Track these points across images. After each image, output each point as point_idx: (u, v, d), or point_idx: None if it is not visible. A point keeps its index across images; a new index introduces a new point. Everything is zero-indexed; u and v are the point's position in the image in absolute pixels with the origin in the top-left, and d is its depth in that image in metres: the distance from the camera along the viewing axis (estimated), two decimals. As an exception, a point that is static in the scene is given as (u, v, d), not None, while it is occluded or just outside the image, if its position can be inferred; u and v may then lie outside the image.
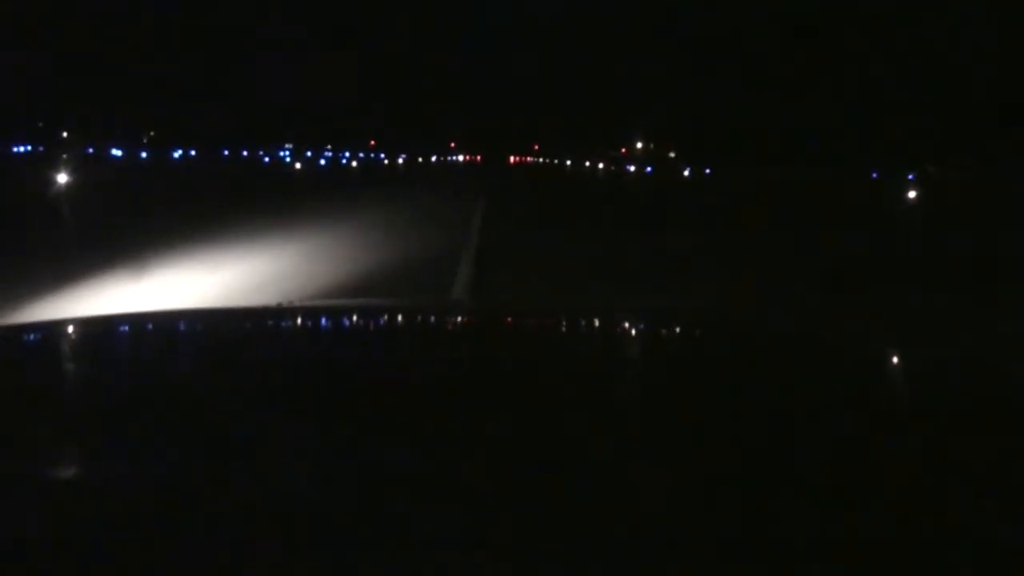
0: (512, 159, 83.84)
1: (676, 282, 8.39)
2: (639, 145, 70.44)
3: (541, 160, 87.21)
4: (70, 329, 1.66)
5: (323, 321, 1.90)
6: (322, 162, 51.12)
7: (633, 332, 1.87)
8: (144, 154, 41.96)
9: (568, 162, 73.60)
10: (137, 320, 1.84)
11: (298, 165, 42.10)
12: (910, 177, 31.99)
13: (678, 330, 1.90)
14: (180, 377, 1.29)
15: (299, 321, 1.87)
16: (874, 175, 37.07)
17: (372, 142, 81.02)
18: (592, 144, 79.88)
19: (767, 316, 6.02)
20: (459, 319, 1.98)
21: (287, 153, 56.42)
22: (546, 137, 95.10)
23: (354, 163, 53.49)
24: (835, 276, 9.07)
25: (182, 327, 1.79)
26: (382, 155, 71.39)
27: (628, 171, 55.93)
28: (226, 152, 49.88)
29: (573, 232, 12.87)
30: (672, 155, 61.08)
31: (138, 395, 1.16)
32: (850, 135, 44.03)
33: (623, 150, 73.93)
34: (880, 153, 39.52)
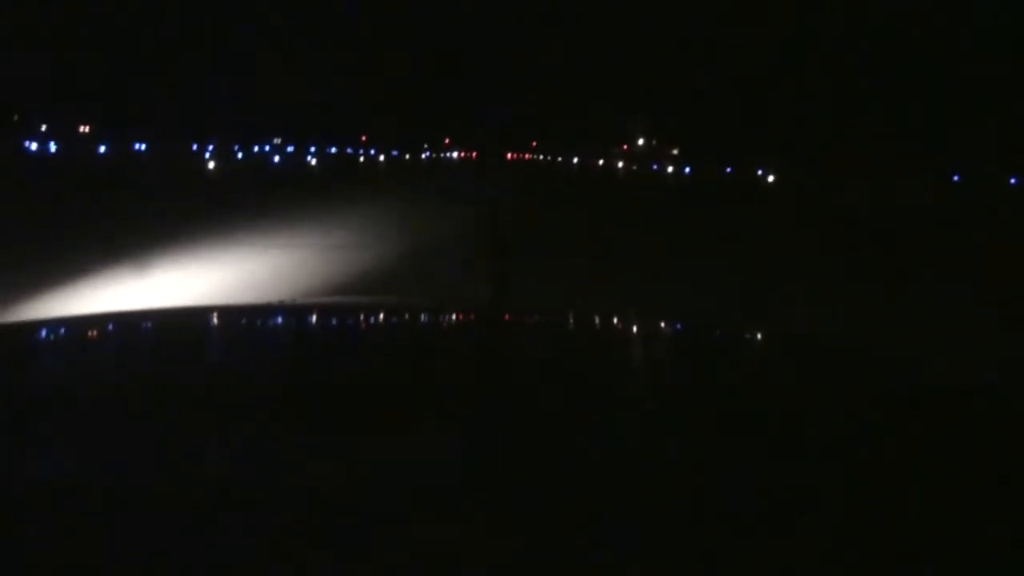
0: (509, 156, 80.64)
1: None
2: (640, 141, 66.96)
3: (541, 157, 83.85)
4: (64, 328, 1.63)
5: (324, 319, 1.83)
6: (276, 159, 45.94)
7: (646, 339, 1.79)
8: (53, 148, 37.27)
9: (575, 160, 69.29)
10: (136, 319, 1.78)
11: (212, 164, 34.79)
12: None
13: (703, 342, 1.81)
14: (180, 375, 1.26)
15: (300, 319, 1.81)
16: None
17: (363, 137, 77.86)
18: (593, 139, 76.32)
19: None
20: (462, 319, 1.88)
21: (266, 148, 52.89)
22: (544, 133, 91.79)
23: (315, 161, 48.33)
24: None
25: (181, 325, 1.73)
26: (372, 151, 68.18)
27: (656, 172, 49.78)
28: (195, 147, 46.40)
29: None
30: (675, 152, 57.52)
31: (136, 394, 1.15)
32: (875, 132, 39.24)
33: (624, 146, 70.44)
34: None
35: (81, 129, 42.36)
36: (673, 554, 0.75)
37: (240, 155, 43.42)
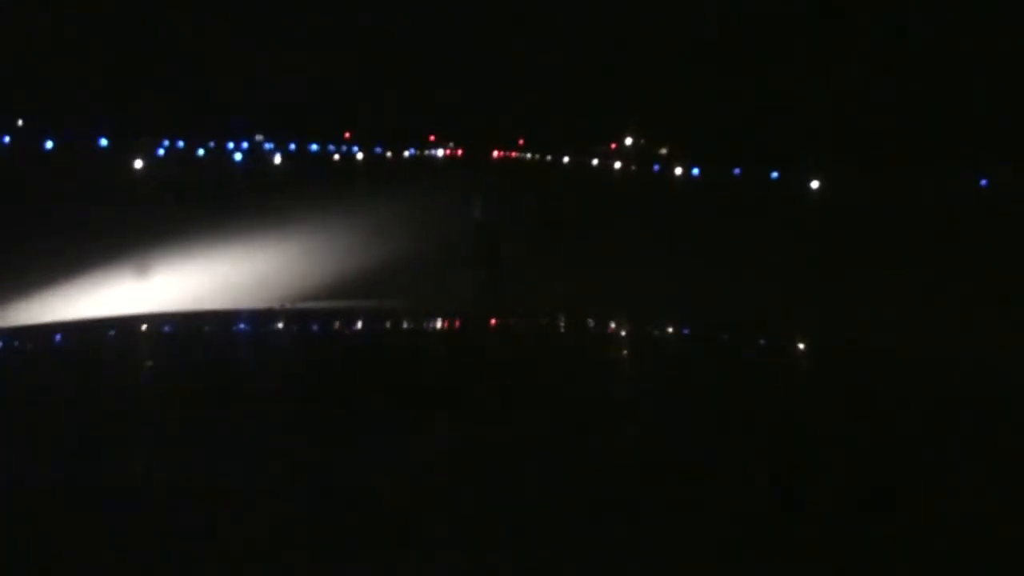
0: (496, 154, 79.52)
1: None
2: (628, 141, 65.88)
3: (529, 156, 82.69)
4: (66, 332, 1.64)
5: (320, 324, 1.84)
6: (238, 157, 42.40)
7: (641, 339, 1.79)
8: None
9: (565, 159, 67.79)
10: (133, 323, 1.78)
11: (139, 164, 26.21)
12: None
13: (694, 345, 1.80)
14: (177, 380, 1.27)
15: (296, 324, 1.82)
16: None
17: (347, 134, 76.58)
18: (581, 137, 75.18)
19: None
20: (459, 323, 1.89)
21: (244, 146, 51.25)
22: (531, 130, 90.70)
23: (278, 159, 45.44)
24: None
25: (179, 329, 1.73)
26: (354, 148, 66.84)
27: (644, 172, 48.55)
28: (180, 143, 44.75)
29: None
30: (663, 152, 56.47)
31: (133, 398, 1.17)
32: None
33: (612, 145, 69.34)
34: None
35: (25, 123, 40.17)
36: (670, 556, 0.75)
37: (217, 153, 41.85)
